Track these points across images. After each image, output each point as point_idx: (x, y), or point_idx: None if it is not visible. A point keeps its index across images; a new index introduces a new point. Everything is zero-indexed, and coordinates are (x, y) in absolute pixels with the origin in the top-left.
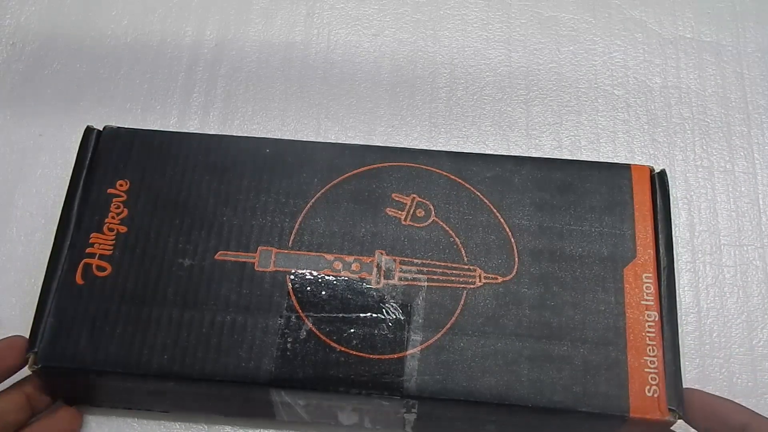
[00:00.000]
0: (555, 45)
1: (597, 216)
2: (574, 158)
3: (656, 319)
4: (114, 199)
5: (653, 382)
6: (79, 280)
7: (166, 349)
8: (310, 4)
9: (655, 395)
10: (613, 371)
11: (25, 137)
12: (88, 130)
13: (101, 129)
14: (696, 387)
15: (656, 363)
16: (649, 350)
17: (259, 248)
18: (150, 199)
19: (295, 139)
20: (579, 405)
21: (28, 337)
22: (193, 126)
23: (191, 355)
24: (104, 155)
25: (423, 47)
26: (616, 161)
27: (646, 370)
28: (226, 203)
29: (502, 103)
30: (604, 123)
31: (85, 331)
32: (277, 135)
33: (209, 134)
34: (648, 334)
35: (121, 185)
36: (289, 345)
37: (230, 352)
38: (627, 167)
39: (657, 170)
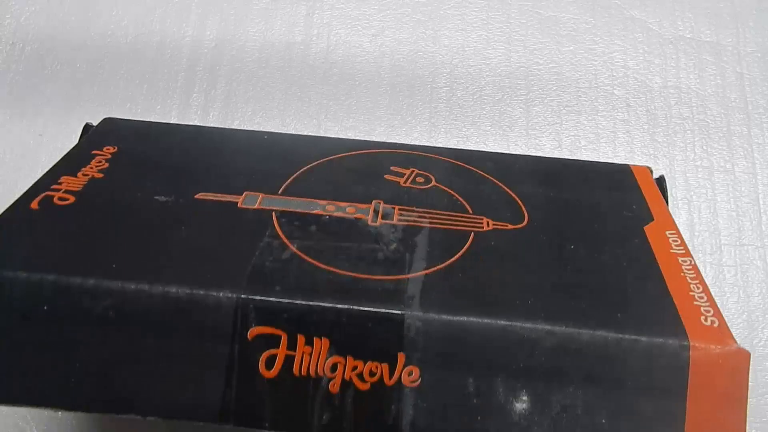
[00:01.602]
0: (555, 45)
1: (605, 191)
2: (575, 157)
3: (692, 263)
4: (97, 157)
5: (708, 314)
6: (34, 205)
7: (121, 259)
8: (310, 4)
9: (715, 325)
10: (658, 298)
11: (25, 137)
12: (87, 127)
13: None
14: None
15: (705, 298)
16: (694, 287)
17: (245, 192)
18: (136, 159)
19: (296, 134)
20: (622, 330)
21: None
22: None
23: (147, 266)
24: (96, 131)
25: (423, 47)
26: (615, 161)
27: (696, 303)
28: (216, 165)
29: (502, 104)
30: (604, 123)
31: (29, 243)
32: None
33: (209, 127)
34: (687, 275)
35: (107, 149)
36: (267, 263)
37: (196, 267)
38: (627, 166)
39: (656, 175)
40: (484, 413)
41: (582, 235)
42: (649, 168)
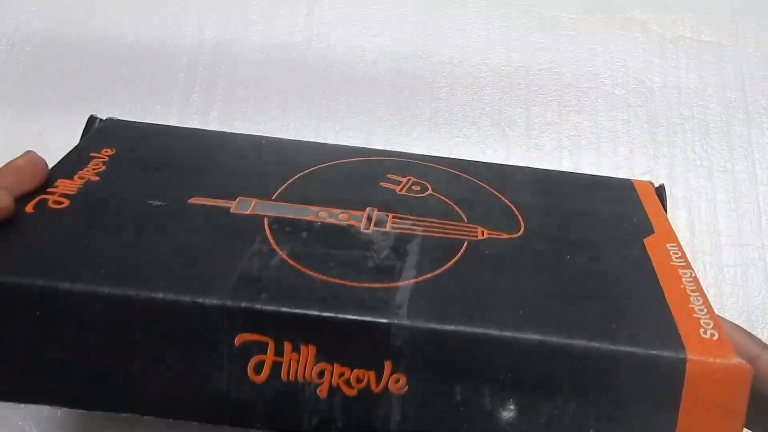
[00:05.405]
0: (555, 45)
1: (605, 203)
2: (575, 159)
3: (693, 276)
4: (95, 159)
5: (708, 327)
6: (29, 209)
7: (111, 264)
8: (310, 4)
9: (714, 338)
10: (655, 310)
11: (25, 137)
12: (92, 119)
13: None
14: None
15: (705, 311)
16: (694, 299)
17: (239, 197)
18: (132, 162)
19: (295, 139)
20: (616, 342)
21: None
22: (193, 126)
23: (135, 271)
24: (96, 133)
25: (423, 47)
26: (616, 161)
27: (695, 315)
28: (212, 170)
29: (502, 103)
30: (604, 123)
31: (22, 248)
32: (277, 135)
33: (208, 130)
34: (687, 287)
35: (106, 152)
36: (255, 270)
37: (184, 273)
38: (628, 180)
39: (656, 185)
40: (470, 421)
41: (579, 245)
42: (651, 183)
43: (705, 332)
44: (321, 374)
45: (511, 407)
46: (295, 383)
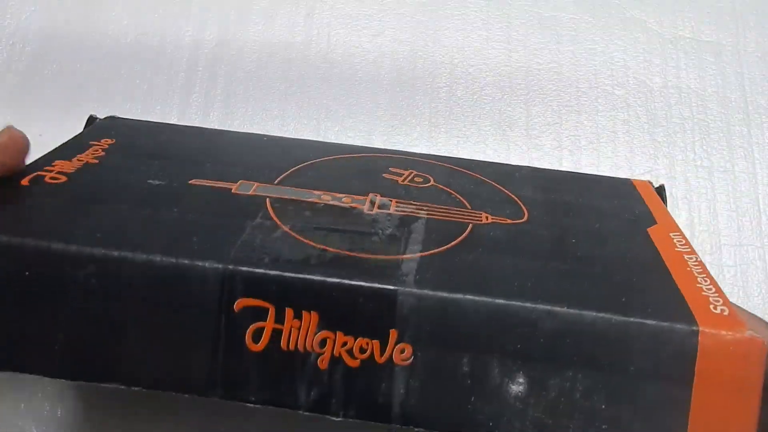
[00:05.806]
0: (555, 45)
1: (606, 198)
2: (575, 159)
3: (698, 260)
4: (95, 146)
5: (718, 303)
6: (24, 182)
7: (107, 230)
8: (310, 4)
9: (725, 313)
10: (664, 288)
11: None
12: (91, 119)
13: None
14: None
15: (714, 290)
16: (701, 280)
17: (241, 180)
18: (133, 150)
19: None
20: (627, 314)
21: None
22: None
23: (133, 237)
24: (96, 126)
25: (423, 47)
26: (616, 161)
27: (704, 294)
28: (213, 158)
29: (502, 103)
30: (604, 123)
31: (13, 212)
32: (277, 135)
33: (210, 128)
34: (694, 269)
35: (106, 141)
36: (257, 240)
37: (183, 240)
38: (627, 180)
39: (656, 185)
40: (478, 394)
41: (583, 232)
42: (650, 182)
43: (715, 308)
44: (323, 343)
45: (521, 380)
46: (295, 352)
